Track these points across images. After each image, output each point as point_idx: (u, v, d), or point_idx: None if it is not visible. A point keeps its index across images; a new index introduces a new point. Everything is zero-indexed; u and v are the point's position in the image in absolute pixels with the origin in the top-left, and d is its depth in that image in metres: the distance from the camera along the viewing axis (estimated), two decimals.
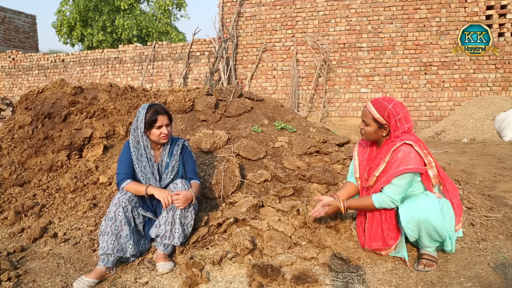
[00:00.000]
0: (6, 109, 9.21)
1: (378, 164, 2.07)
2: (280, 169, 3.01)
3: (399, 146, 1.98)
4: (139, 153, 2.32)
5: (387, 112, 2.00)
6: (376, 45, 8.81)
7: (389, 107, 2.00)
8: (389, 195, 1.98)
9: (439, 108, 8.55)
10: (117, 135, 3.63)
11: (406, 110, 2.03)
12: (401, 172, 1.93)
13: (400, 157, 1.95)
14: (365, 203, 2.09)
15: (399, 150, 1.97)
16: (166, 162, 2.37)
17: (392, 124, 2.00)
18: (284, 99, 9.48)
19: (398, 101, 2.06)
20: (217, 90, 4.13)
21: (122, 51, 11.35)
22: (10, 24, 15.12)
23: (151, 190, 2.21)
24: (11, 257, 2.33)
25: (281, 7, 9.42)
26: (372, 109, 2.04)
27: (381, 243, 2.11)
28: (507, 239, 2.35)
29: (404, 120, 2.00)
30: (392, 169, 1.96)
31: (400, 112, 2.00)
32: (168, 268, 2.13)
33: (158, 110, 2.27)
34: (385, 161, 2.02)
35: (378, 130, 2.05)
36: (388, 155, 2.01)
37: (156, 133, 2.28)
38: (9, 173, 3.36)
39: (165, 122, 2.28)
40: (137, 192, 2.24)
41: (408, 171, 1.93)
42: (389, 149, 2.01)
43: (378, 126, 2.04)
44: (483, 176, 4.05)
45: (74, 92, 3.85)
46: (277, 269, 1.98)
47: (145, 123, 2.25)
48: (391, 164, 1.98)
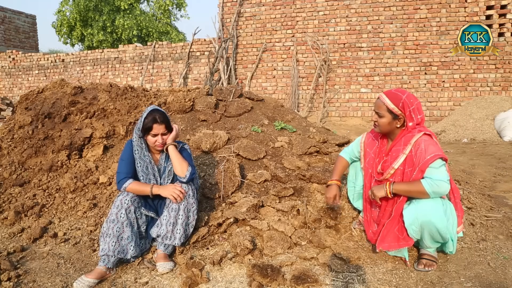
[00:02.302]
0: (6, 109, 9.21)
1: (396, 157, 2.03)
2: (280, 169, 3.01)
3: (420, 137, 1.97)
4: (141, 152, 2.32)
5: (402, 103, 1.99)
6: (376, 45, 8.81)
7: (403, 98, 2.00)
8: (439, 178, 1.88)
9: (439, 108, 8.55)
10: (117, 135, 3.63)
11: (418, 102, 2.04)
12: (433, 158, 1.89)
13: (425, 147, 1.92)
14: (415, 189, 1.92)
15: (421, 141, 1.95)
16: (164, 166, 2.37)
17: (407, 115, 2.00)
18: (284, 99, 9.48)
19: (410, 93, 2.06)
20: (217, 90, 4.13)
21: (122, 51, 11.35)
22: (10, 24, 15.12)
23: (156, 190, 2.20)
24: (11, 257, 2.33)
25: (281, 7, 9.42)
26: (386, 100, 2.03)
27: (396, 243, 2.05)
28: (507, 239, 2.35)
29: (418, 111, 2.01)
30: (421, 159, 1.92)
31: (414, 103, 2.00)
32: (168, 268, 2.13)
33: (155, 118, 2.21)
34: (405, 153, 1.99)
35: (393, 121, 2.04)
36: (408, 147, 1.98)
37: (151, 140, 2.26)
38: (9, 173, 3.36)
39: (160, 131, 2.24)
40: (140, 192, 2.22)
41: (439, 157, 1.90)
42: (408, 140, 1.99)
43: (393, 117, 2.03)
44: (483, 176, 4.05)
45: (74, 92, 3.85)
46: (277, 269, 1.98)
47: (142, 127, 2.24)
48: (416, 156, 1.95)
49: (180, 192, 2.18)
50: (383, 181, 2.09)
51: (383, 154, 2.15)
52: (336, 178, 2.37)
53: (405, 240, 2.01)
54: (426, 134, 1.98)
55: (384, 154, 2.14)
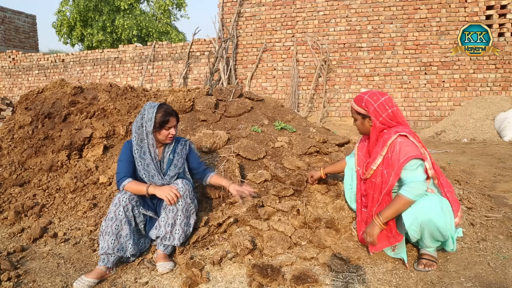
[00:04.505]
0: (6, 109, 9.21)
1: (374, 158, 2.09)
2: (280, 169, 3.01)
3: (395, 138, 2.00)
4: (141, 151, 2.32)
5: (364, 102, 2.10)
6: (376, 45, 8.81)
7: (365, 97, 2.12)
8: (414, 179, 1.93)
9: (439, 108, 8.55)
10: (117, 135, 3.63)
11: (386, 98, 2.09)
12: (406, 161, 1.94)
13: (399, 149, 1.97)
14: (399, 204, 1.96)
15: (395, 143, 1.99)
16: (170, 159, 2.40)
17: (371, 112, 2.07)
18: (284, 99, 9.48)
19: (378, 91, 2.16)
20: (217, 90, 4.13)
21: (122, 51, 11.35)
22: (10, 24, 15.13)
23: (152, 190, 2.21)
24: (11, 257, 2.33)
25: (281, 7, 9.43)
26: (352, 103, 2.19)
27: (387, 241, 2.09)
28: (507, 239, 2.35)
29: (384, 106, 2.05)
30: (395, 162, 1.97)
31: (378, 100, 2.07)
32: (168, 268, 2.13)
33: (169, 111, 2.30)
34: (381, 154, 2.05)
35: (363, 121, 2.15)
36: (384, 149, 2.03)
37: (165, 134, 2.31)
38: (9, 173, 3.36)
39: (174, 124, 2.33)
40: (137, 191, 2.24)
41: (412, 158, 1.94)
42: (385, 142, 2.04)
43: (362, 117, 2.14)
44: (483, 176, 4.05)
45: (74, 92, 3.85)
46: (277, 269, 1.98)
47: (155, 123, 2.26)
48: (391, 158, 2.00)
49: (175, 195, 2.18)
50: (366, 180, 2.18)
51: (368, 155, 2.24)
52: (325, 171, 2.66)
53: (395, 237, 2.06)
54: (401, 136, 2.00)
55: (368, 155, 2.23)
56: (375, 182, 2.11)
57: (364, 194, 2.23)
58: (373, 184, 2.12)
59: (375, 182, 2.11)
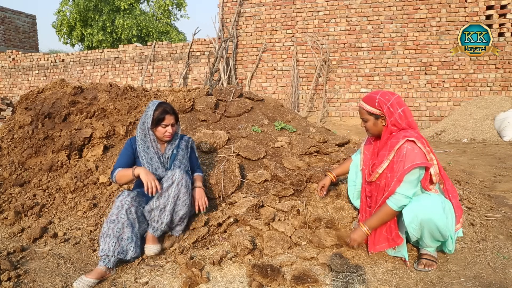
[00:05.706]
0: (6, 109, 9.21)
1: (381, 161, 2.08)
2: (280, 169, 3.01)
3: (402, 143, 1.99)
4: (145, 146, 2.39)
5: (377, 101, 2.07)
6: (376, 45, 8.81)
7: (377, 97, 2.09)
8: (401, 192, 1.99)
9: (439, 108, 8.55)
10: (117, 135, 3.63)
11: (397, 96, 2.08)
12: (410, 168, 1.94)
13: (405, 155, 1.96)
14: (384, 213, 2.04)
15: (403, 148, 1.98)
16: (174, 153, 2.47)
17: (385, 111, 2.05)
18: (284, 99, 9.48)
19: (386, 90, 2.16)
20: (217, 90, 4.13)
21: (122, 51, 11.34)
22: (10, 24, 15.13)
23: (138, 170, 2.23)
24: (11, 257, 2.33)
25: (281, 7, 9.42)
26: (363, 104, 2.14)
27: (386, 243, 2.11)
28: (507, 239, 2.35)
29: (397, 105, 2.05)
30: (400, 168, 1.97)
31: (391, 99, 2.06)
32: (154, 251, 2.23)
33: (166, 109, 2.35)
34: (388, 158, 2.04)
35: (376, 121, 2.11)
36: (392, 153, 2.02)
37: (161, 131, 2.36)
38: (9, 173, 3.36)
39: (171, 122, 2.37)
40: (126, 176, 2.27)
41: (416, 166, 1.94)
42: (392, 146, 2.02)
43: (375, 117, 2.11)
44: (483, 176, 4.05)
45: (74, 92, 3.85)
46: (277, 269, 1.98)
47: (153, 120, 2.33)
48: (397, 163, 1.99)
49: (155, 185, 2.18)
50: (371, 182, 2.17)
51: (375, 156, 2.22)
52: (334, 173, 2.56)
53: (394, 240, 2.07)
54: (409, 141, 1.99)
55: (375, 157, 2.21)
56: (379, 185, 2.12)
57: (369, 195, 2.24)
58: (378, 187, 2.13)
59: (380, 185, 2.11)
